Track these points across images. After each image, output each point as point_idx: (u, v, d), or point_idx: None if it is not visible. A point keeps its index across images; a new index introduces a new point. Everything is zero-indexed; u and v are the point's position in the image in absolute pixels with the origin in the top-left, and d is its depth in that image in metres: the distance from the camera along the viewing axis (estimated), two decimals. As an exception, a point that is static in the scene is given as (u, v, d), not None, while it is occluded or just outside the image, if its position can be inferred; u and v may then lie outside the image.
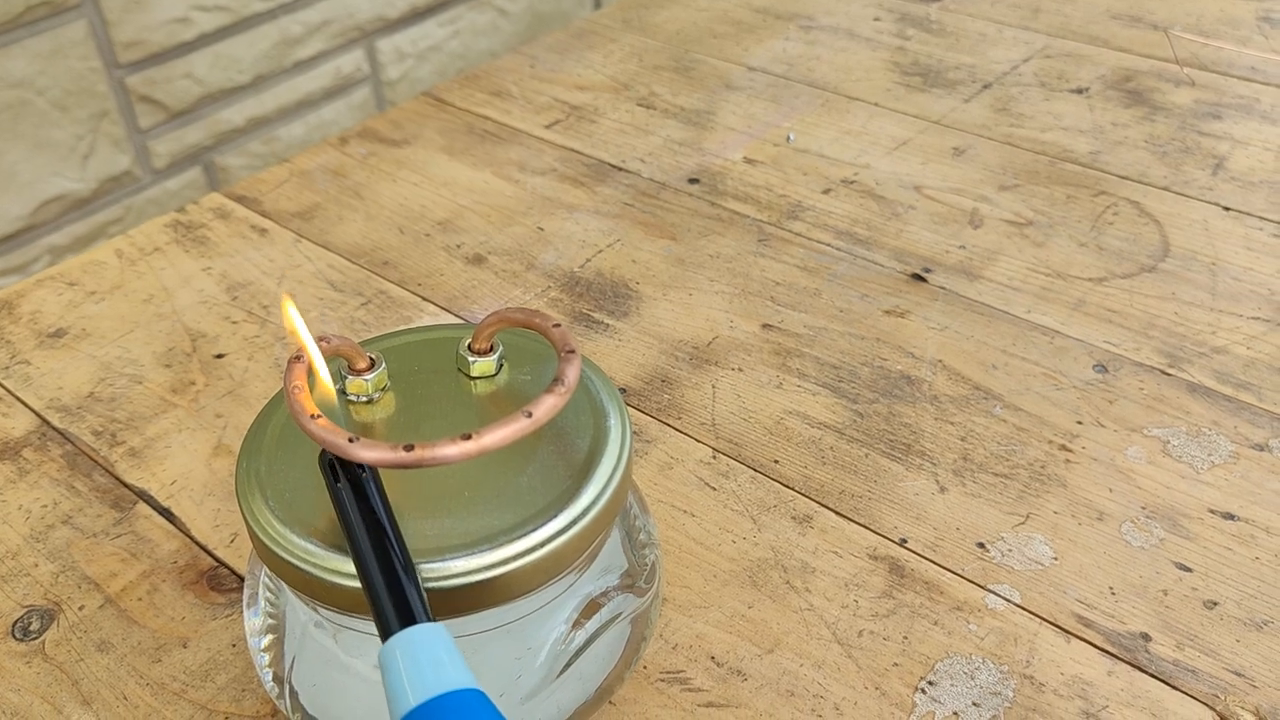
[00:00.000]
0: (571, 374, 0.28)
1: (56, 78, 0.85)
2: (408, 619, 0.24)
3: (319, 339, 0.29)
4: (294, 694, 0.30)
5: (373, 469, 0.26)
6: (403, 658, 0.23)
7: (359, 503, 0.26)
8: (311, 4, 0.98)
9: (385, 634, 0.24)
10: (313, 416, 0.26)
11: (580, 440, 0.30)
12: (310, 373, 0.28)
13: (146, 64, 0.89)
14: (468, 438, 0.26)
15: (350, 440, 0.26)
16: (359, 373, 0.30)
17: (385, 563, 0.25)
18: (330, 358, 0.30)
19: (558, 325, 0.29)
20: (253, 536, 0.28)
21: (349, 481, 0.26)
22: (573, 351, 0.29)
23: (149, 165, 0.93)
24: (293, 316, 0.28)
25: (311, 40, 1.00)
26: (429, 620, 0.24)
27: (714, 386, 0.43)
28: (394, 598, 0.24)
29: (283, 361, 0.44)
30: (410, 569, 0.25)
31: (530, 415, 0.27)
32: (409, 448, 0.26)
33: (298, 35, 0.99)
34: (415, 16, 1.08)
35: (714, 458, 0.40)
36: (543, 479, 0.29)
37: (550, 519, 0.28)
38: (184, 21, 0.90)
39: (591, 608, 0.30)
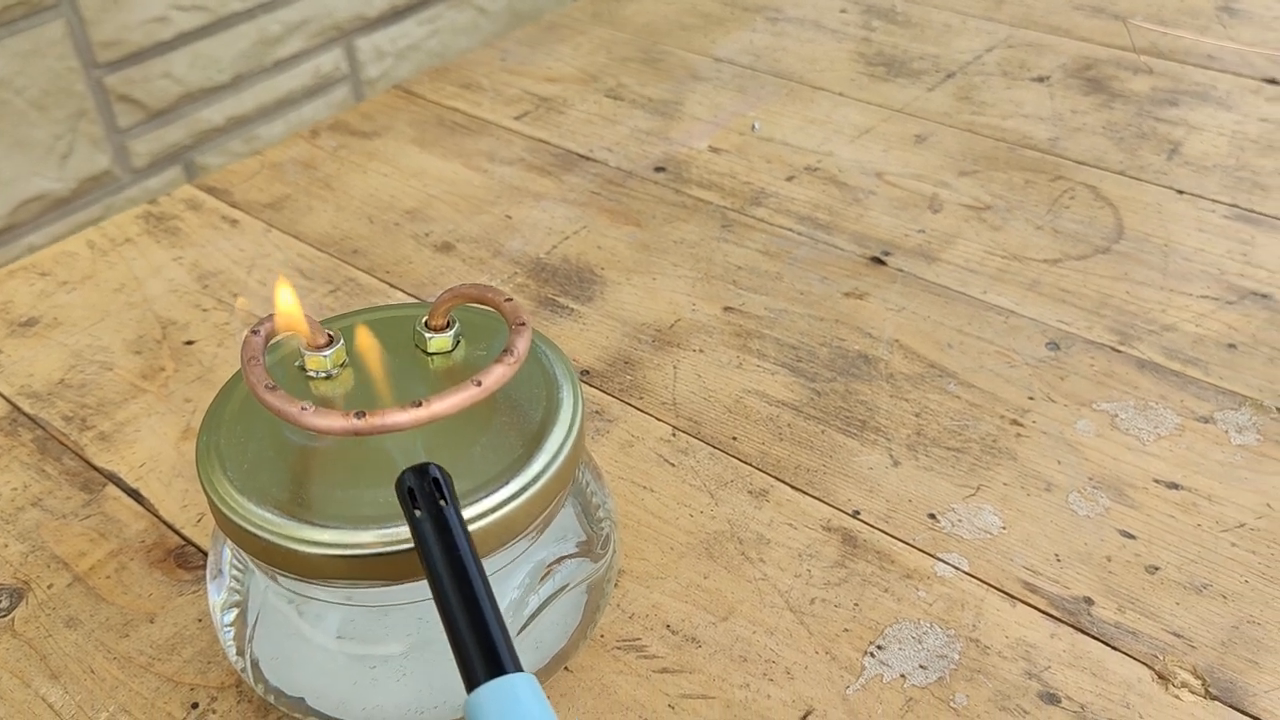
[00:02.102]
0: (521, 345, 0.29)
1: (34, 77, 0.86)
2: (496, 668, 0.22)
3: (273, 315, 0.30)
4: (256, 664, 0.31)
5: (454, 500, 0.25)
6: (488, 713, 0.21)
7: (440, 536, 0.24)
8: (290, 3, 0.99)
9: (471, 684, 0.22)
10: (268, 387, 0.27)
11: (533, 411, 0.30)
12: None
13: (125, 63, 0.90)
14: (418, 405, 0.27)
15: (303, 409, 0.27)
16: (318, 349, 0.31)
17: (470, 604, 0.23)
18: (288, 335, 0.31)
19: (509, 299, 0.30)
20: (212, 506, 0.29)
21: (429, 513, 0.25)
22: (523, 324, 0.29)
23: (128, 165, 0.94)
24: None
25: (290, 39, 1.00)
26: (518, 670, 0.22)
27: (675, 367, 0.44)
28: (480, 644, 0.22)
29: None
30: (496, 610, 0.23)
31: (480, 384, 0.27)
32: (360, 414, 0.26)
33: (277, 34, 0.99)
34: (394, 15, 1.08)
35: (674, 435, 0.41)
36: (496, 448, 0.29)
37: (502, 485, 0.28)
38: (162, 21, 0.90)
39: (545, 574, 0.31)
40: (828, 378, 0.43)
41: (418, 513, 0.25)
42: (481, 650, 0.22)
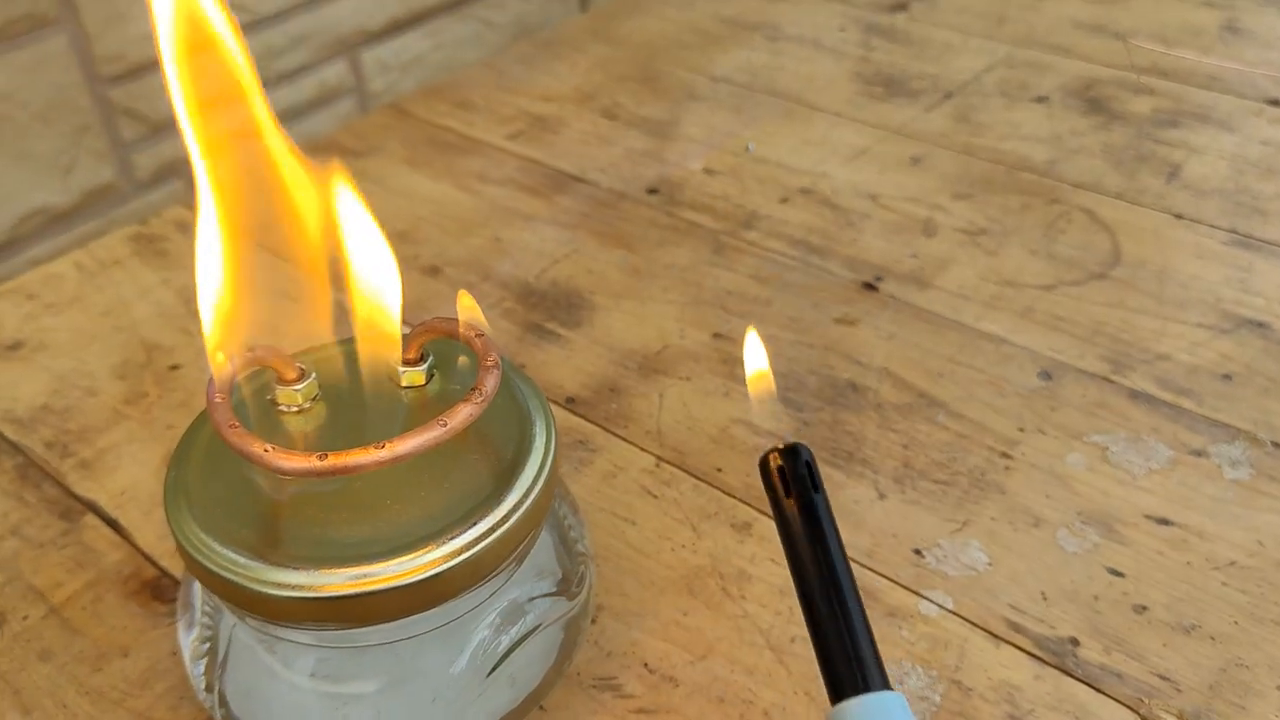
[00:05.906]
0: (490, 384, 0.28)
1: (38, 91, 0.86)
2: (864, 684, 0.21)
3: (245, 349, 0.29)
4: (224, 701, 0.31)
5: (822, 492, 0.23)
6: None
7: (810, 530, 0.22)
8: (293, 16, 0.99)
9: (837, 697, 0.21)
10: (231, 426, 0.27)
11: (505, 448, 0.30)
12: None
13: (128, 77, 0.90)
14: (380, 446, 0.26)
15: (265, 450, 0.26)
16: (288, 383, 0.31)
17: (840, 610, 0.22)
18: (259, 369, 0.30)
19: (481, 335, 0.30)
20: (178, 545, 0.28)
21: (800, 503, 0.23)
22: (494, 362, 0.29)
23: (132, 178, 0.94)
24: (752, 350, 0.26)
25: (294, 52, 1.00)
26: (886, 688, 0.21)
27: (661, 396, 0.43)
28: (848, 656, 0.21)
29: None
30: (864, 617, 0.22)
31: (445, 425, 0.27)
32: (322, 457, 0.26)
33: (280, 47, 0.99)
34: (397, 28, 1.08)
35: (658, 466, 0.40)
36: (466, 485, 0.29)
37: (472, 525, 0.28)
38: (164, 35, 0.90)
39: (517, 613, 0.30)
40: (815, 407, 0.42)
41: (785, 506, 0.23)
42: (849, 662, 0.21)
